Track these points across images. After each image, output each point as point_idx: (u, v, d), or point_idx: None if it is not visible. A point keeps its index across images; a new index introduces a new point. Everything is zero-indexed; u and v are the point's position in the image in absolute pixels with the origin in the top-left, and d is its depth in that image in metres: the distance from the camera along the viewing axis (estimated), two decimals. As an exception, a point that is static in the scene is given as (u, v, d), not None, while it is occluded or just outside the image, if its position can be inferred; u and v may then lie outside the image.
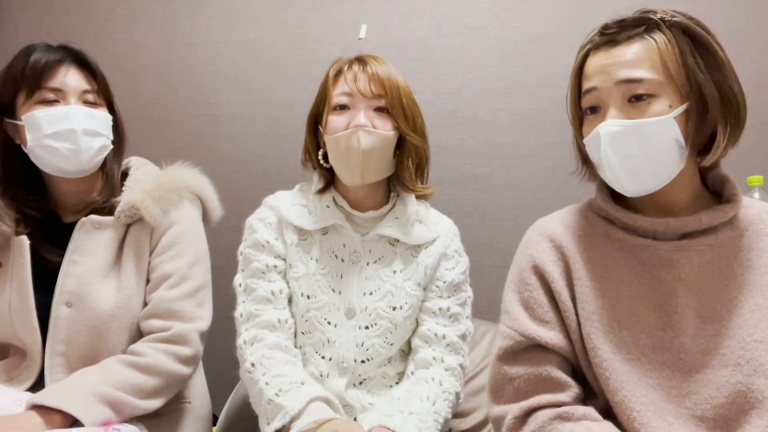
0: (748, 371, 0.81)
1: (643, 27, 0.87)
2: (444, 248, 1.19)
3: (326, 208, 1.17)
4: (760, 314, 0.84)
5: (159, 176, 1.26)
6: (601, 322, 0.88)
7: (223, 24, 1.93)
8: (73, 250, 1.16)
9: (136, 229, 1.20)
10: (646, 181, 0.87)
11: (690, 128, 0.85)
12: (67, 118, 1.12)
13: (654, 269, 0.88)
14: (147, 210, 1.18)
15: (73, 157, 1.14)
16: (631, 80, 0.85)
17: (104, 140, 1.18)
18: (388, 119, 1.13)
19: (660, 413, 0.83)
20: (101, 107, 1.20)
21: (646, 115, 0.85)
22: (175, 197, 1.24)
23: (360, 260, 1.16)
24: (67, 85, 1.15)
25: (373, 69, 1.14)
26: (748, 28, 1.77)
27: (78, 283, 1.13)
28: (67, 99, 1.14)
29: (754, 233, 0.89)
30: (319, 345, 1.12)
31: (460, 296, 1.18)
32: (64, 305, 1.13)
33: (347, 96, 1.13)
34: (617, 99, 0.86)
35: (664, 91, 0.85)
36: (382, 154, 1.13)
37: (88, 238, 1.17)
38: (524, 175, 1.83)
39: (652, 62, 0.85)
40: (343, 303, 1.14)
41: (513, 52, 1.84)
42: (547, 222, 1.00)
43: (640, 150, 0.85)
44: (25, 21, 1.98)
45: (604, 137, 0.87)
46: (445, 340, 1.13)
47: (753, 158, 1.67)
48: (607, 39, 0.89)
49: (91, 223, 1.18)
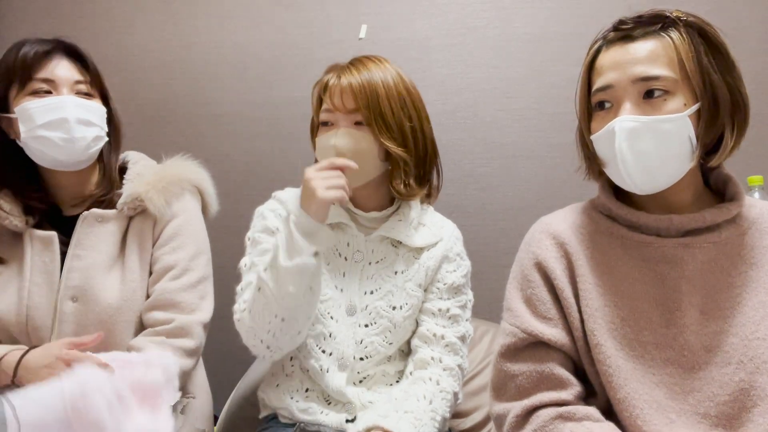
0: (751, 368, 0.81)
1: (660, 24, 0.87)
2: (446, 251, 1.19)
3: (331, 206, 1.17)
4: (764, 311, 0.84)
5: (161, 168, 1.26)
6: (604, 319, 0.88)
7: (223, 24, 1.93)
8: (76, 245, 1.15)
9: (138, 221, 1.21)
10: (658, 178, 0.87)
11: (701, 128, 0.85)
12: (59, 108, 1.12)
13: (657, 266, 0.88)
14: (151, 201, 1.18)
15: (67, 147, 1.13)
16: (648, 77, 0.84)
17: (98, 131, 1.17)
18: (369, 132, 1.11)
19: (662, 410, 0.83)
20: (95, 98, 1.19)
21: (661, 112, 0.84)
22: (177, 189, 1.24)
23: (362, 259, 1.16)
24: (58, 75, 1.14)
25: (349, 82, 1.10)
26: (748, 28, 1.77)
27: (82, 277, 1.13)
28: (59, 89, 1.14)
29: (757, 231, 0.89)
30: (320, 339, 1.13)
31: (461, 299, 1.18)
32: (69, 300, 1.13)
33: (329, 113, 1.13)
34: (633, 95, 0.86)
35: (679, 89, 0.85)
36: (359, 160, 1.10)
37: (91, 231, 1.17)
38: (524, 175, 1.83)
39: (668, 60, 0.84)
40: (344, 300, 1.14)
41: (513, 52, 1.84)
42: (550, 219, 1.00)
43: (655, 147, 0.85)
44: (25, 21, 1.98)
45: (619, 133, 0.85)
46: (443, 341, 1.13)
47: (753, 158, 1.68)
48: (623, 34, 0.88)
49: (94, 216, 1.17)
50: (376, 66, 1.14)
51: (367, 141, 1.11)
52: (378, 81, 1.12)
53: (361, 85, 1.10)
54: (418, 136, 1.16)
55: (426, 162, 1.19)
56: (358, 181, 1.13)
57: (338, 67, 1.16)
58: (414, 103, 1.16)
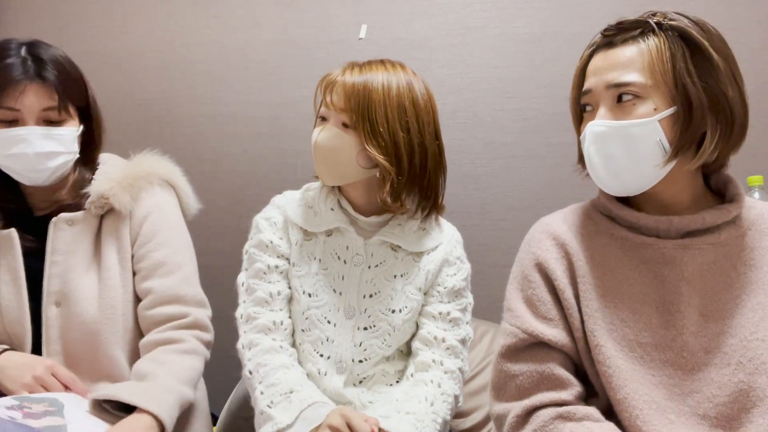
0: (750, 369, 0.82)
1: (639, 30, 0.88)
2: (446, 254, 1.18)
3: (330, 210, 1.16)
4: (762, 312, 0.84)
5: (126, 166, 1.25)
6: (604, 320, 0.88)
7: (223, 24, 1.93)
8: (53, 251, 1.16)
9: (111, 220, 1.20)
10: (627, 181, 0.88)
11: (676, 132, 0.85)
12: (21, 142, 1.10)
13: (657, 267, 0.89)
14: (116, 198, 1.17)
15: (31, 175, 1.14)
16: (619, 84, 0.86)
17: (64, 158, 1.15)
18: (353, 135, 1.09)
19: (662, 411, 0.83)
20: (65, 122, 1.16)
21: (631, 116, 0.86)
22: (144, 183, 1.23)
23: (362, 263, 1.15)
24: (25, 104, 1.10)
25: (349, 81, 1.08)
26: (748, 28, 1.77)
27: (62, 281, 1.14)
28: (24, 120, 1.11)
29: (757, 232, 0.90)
30: (317, 343, 1.13)
31: (461, 302, 1.18)
32: (53, 305, 1.14)
33: (325, 107, 1.11)
34: (607, 100, 0.88)
35: (650, 94, 0.85)
36: (338, 158, 1.09)
37: (63, 235, 1.17)
38: (524, 175, 1.83)
39: (641, 66, 0.86)
40: (343, 303, 1.14)
41: (513, 52, 1.84)
42: (550, 220, 1.00)
43: (622, 150, 0.87)
44: (25, 21, 1.98)
45: (588, 136, 0.89)
46: (444, 344, 1.13)
47: (753, 158, 1.68)
48: (607, 41, 0.91)
49: (63, 220, 1.17)
50: (384, 70, 1.10)
51: (347, 143, 1.09)
52: (377, 86, 1.08)
53: (355, 86, 1.07)
54: (415, 150, 1.10)
55: (424, 179, 1.13)
56: (332, 180, 1.13)
57: (350, 64, 1.14)
58: (419, 115, 1.10)
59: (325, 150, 1.10)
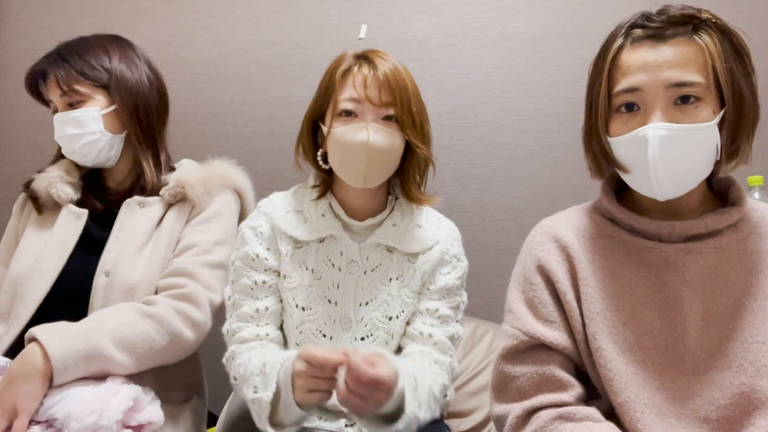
0: (751, 372, 0.82)
1: (691, 25, 0.83)
2: (442, 254, 1.14)
3: (321, 217, 1.12)
4: (763, 316, 0.84)
5: (207, 165, 1.33)
6: (606, 323, 0.88)
7: (223, 24, 1.92)
8: (119, 227, 1.22)
9: (176, 208, 1.27)
10: (684, 185, 0.85)
11: (725, 135, 0.84)
12: (57, 128, 1.24)
13: (659, 271, 0.88)
14: (191, 188, 1.25)
15: (72, 157, 1.27)
16: (683, 83, 0.82)
17: (87, 138, 1.23)
18: (397, 129, 1.08)
19: (663, 414, 0.83)
20: (83, 102, 1.23)
21: (692, 119, 0.82)
22: (219, 183, 1.30)
23: (357, 270, 1.11)
24: (50, 96, 1.25)
25: (383, 73, 1.05)
26: (748, 28, 1.77)
27: (116, 254, 1.19)
28: (56, 109, 1.24)
29: (758, 236, 0.89)
30: None
31: (453, 300, 1.14)
32: (103, 275, 1.17)
33: (355, 102, 1.06)
34: (664, 100, 0.83)
35: (709, 95, 0.83)
36: (389, 158, 1.08)
37: (132, 215, 1.24)
38: (524, 175, 1.83)
39: (700, 65, 0.82)
40: (338, 314, 1.10)
41: (513, 52, 1.84)
42: (552, 222, 1.00)
43: (686, 155, 0.83)
44: (25, 21, 1.98)
45: (652, 140, 0.82)
46: (432, 339, 1.09)
47: (753, 158, 1.67)
48: (652, 33, 0.85)
49: (136, 201, 1.25)
50: (389, 57, 1.10)
51: (398, 139, 1.08)
52: (405, 76, 1.08)
53: (397, 78, 1.06)
54: (431, 138, 1.13)
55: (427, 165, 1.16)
56: (378, 180, 1.10)
57: (358, 55, 1.11)
58: (424, 106, 1.13)
59: (384, 151, 1.06)
